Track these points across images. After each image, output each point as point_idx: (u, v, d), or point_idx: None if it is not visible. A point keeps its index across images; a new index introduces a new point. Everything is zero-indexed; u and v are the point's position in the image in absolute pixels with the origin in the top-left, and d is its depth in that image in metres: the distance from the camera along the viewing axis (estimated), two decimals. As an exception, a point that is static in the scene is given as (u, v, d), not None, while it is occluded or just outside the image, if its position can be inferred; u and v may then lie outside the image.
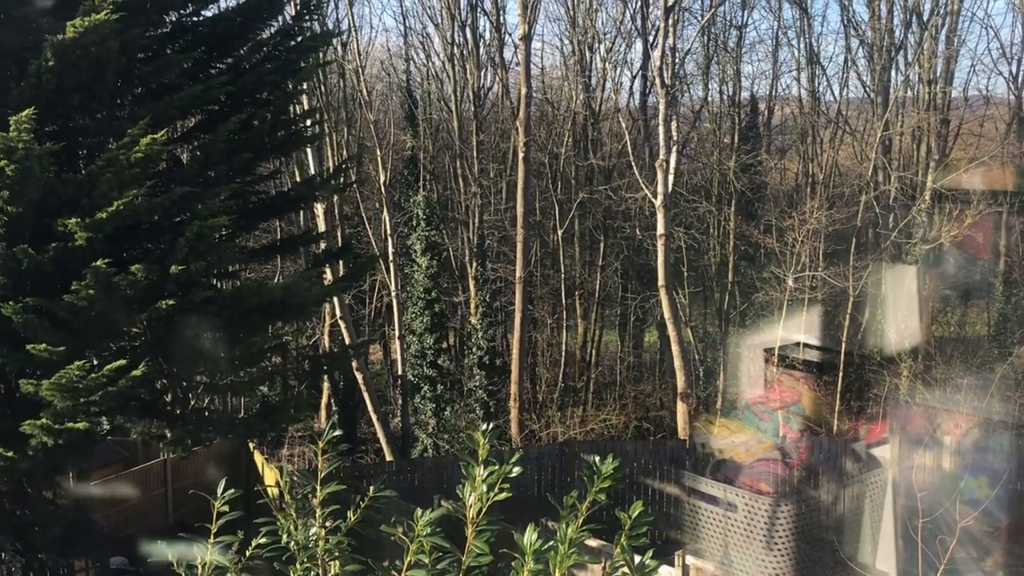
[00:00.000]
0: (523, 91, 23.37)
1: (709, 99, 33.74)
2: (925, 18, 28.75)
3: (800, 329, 25.88)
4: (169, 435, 13.21)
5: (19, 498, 12.92)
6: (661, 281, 22.84)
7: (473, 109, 30.08)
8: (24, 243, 10.81)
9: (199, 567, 3.32)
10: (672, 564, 13.75)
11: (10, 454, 11.00)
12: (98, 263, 10.82)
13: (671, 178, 22.96)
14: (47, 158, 11.00)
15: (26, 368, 11.44)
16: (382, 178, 27.41)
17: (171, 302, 11.35)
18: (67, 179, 11.56)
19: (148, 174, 12.10)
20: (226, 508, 3.39)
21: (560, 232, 30.43)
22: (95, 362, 11.61)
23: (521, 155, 23.60)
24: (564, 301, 31.27)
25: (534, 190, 29.91)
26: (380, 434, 25.08)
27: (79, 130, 13.00)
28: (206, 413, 15.96)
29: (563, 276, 30.94)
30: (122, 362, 11.10)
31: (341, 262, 21.56)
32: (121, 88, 13.23)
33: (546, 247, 32.82)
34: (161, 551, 3.41)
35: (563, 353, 30.70)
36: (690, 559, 14.01)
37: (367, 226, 29.93)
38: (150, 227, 12.80)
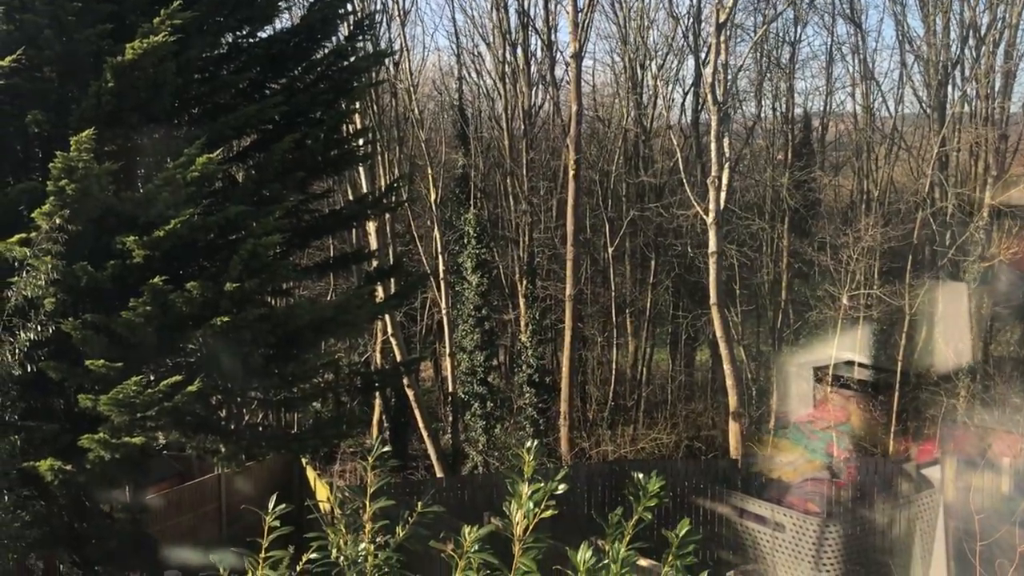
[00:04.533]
0: (574, 109, 23.39)
1: (762, 115, 33.55)
2: (982, 32, 28.27)
3: (853, 348, 25.48)
4: (223, 450, 13.35)
5: (76, 511, 13.12)
6: (713, 299, 22.65)
7: (524, 127, 30.16)
8: (83, 260, 11.03)
9: (251, 582, 3.35)
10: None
11: (68, 467, 11.18)
12: (155, 280, 11.00)
13: (723, 195, 22.80)
14: (106, 177, 11.22)
15: (84, 383, 11.63)
16: (433, 196, 27.56)
17: (226, 319, 11.49)
18: (125, 197, 11.78)
19: (204, 193, 12.29)
20: (277, 523, 3.41)
21: (611, 250, 30.34)
22: (151, 378, 11.78)
23: (572, 173, 23.60)
24: (614, 319, 31.13)
25: (585, 208, 29.90)
26: (431, 450, 25.14)
27: (137, 149, 13.26)
28: (259, 428, 16.13)
29: (613, 294, 30.82)
30: (178, 378, 11.25)
31: (392, 280, 21.69)
32: (178, 108, 13.47)
33: (596, 265, 32.73)
34: (214, 565, 3.45)
35: (613, 371, 30.55)
36: (741, 580, 13.81)
37: (418, 244, 30.10)
38: (206, 245, 12.99)
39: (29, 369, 9.92)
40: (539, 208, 31.27)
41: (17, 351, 9.53)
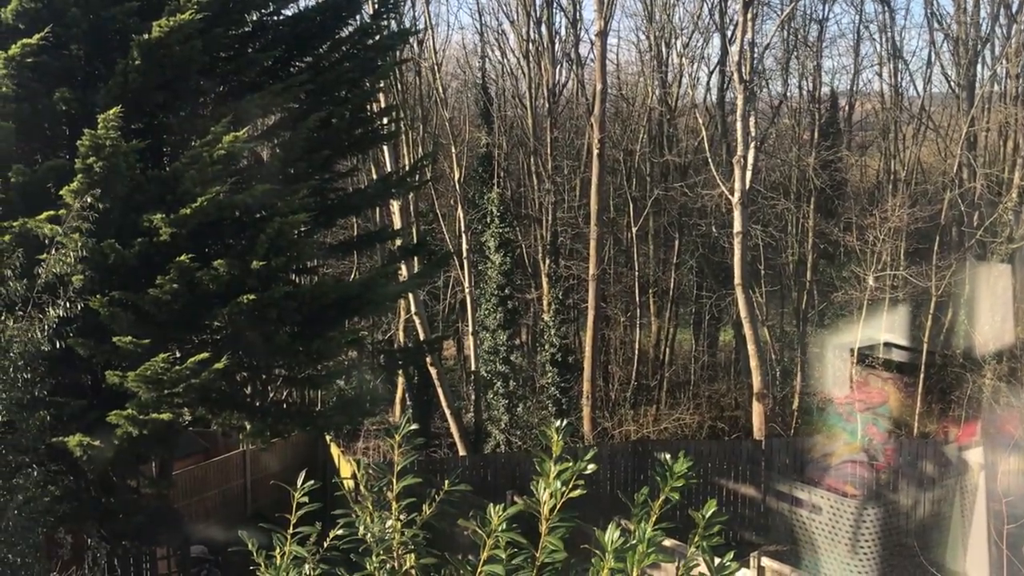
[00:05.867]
0: (598, 87, 23.25)
1: (788, 94, 33.19)
2: (1014, 10, 27.84)
3: (883, 329, 25.30)
4: (248, 427, 13.47)
5: (104, 487, 13.29)
6: (737, 279, 22.54)
7: (548, 106, 30.02)
8: (111, 238, 11.12)
9: (278, 557, 3.37)
10: (748, 566, 13.56)
11: (96, 443, 11.32)
12: (182, 258, 11.08)
13: (749, 175, 22.63)
14: (133, 155, 11.30)
15: (112, 360, 11.76)
16: (457, 175, 27.54)
17: (252, 297, 11.57)
18: (152, 176, 11.86)
19: (230, 171, 12.35)
20: (305, 499, 3.43)
21: (634, 229, 30.22)
22: (178, 355, 11.89)
23: (596, 152, 23.49)
24: (638, 299, 31.05)
25: (608, 187, 29.75)
26: (453, 429, 25.23)
27: (163, 128, 13.33)
28: (284, 406, 16.25)
29: (637, 274, 30.72)
30: (205, 355, 11.35)
31: (416, 259, 21.73)
32: (204, 86, 13.51)
33: (620, 244, 32.62)
34: (241, 540, 3.47)
35: (636, 351, 30.49)
36: (766, 561, 13.79)
37: (442, 223, 30.10)
38: (232, 223, 13.06)
39: (58, 345, 10.03)
40: (562, 187, 31.16)
41: (46, 327, 9.62)
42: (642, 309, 31.36)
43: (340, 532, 3.38)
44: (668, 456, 3.14)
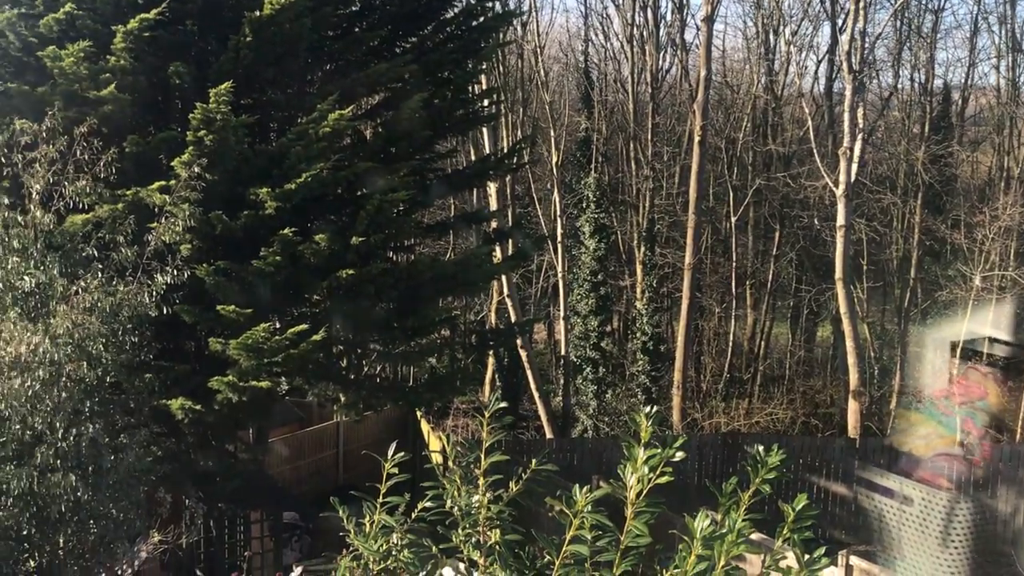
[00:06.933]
0: (702, 73, 22.92)
1: (899, 86, 32.16)
2: None
3: (986, 323, 24.42)
4: (343, 399, 13.77)
5: (203, 450, 13.71)
6: (839, 274, 22.01)
7: (650, 91, 29.72)
8: (218, 209, 11.46)
9: (367, 525, 3.45)
10: (836, 564, 13.31)
11: (198, 407, 11.71)
12: (285, 231, 11.35)
13: (855, 167, 22.04)
14: (242, 129, 11.60)
15: (215, 328, 12.12)
16: (554, 159, 27.52)
17: (351, 272, 11.79)
18: (259, 150, 12.17)
19: (334, 148, 12.59)
20: (395, 470, 3.49)
21: (734, 219, 29.76)
22: (278, 325, 12.20)
23: (697, 139, 23.18)
24: (734, 290, 30.60)
25: (708, 175, 29.36)
26: (541, 412, 25.32)
27: (271, 104, 13.65)
28: (378, 380, 16.54)
29: (734, 264, 30.27)
30: (304, 327, 11.63)
31: (510, 241, 21.82)
32: (311, 64, 13.79)
33: (718, 234, 32.18)
34: (331, 507, 3.57)
35: (730, 343, 30.10)
36: (854, 560, 13.50)
37: (537, 207, 30.13)
38: (334, 199, 13.32)
39: (164, 311, 10.36)
40: (661, 174, 30.85)
41: (154, 293, 9.96)
42: (738, 300, 30.89)
43: (428, 504, 3.44)
44: (761, 448, 3.11)
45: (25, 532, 8.85)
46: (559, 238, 27.08)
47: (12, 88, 11.54)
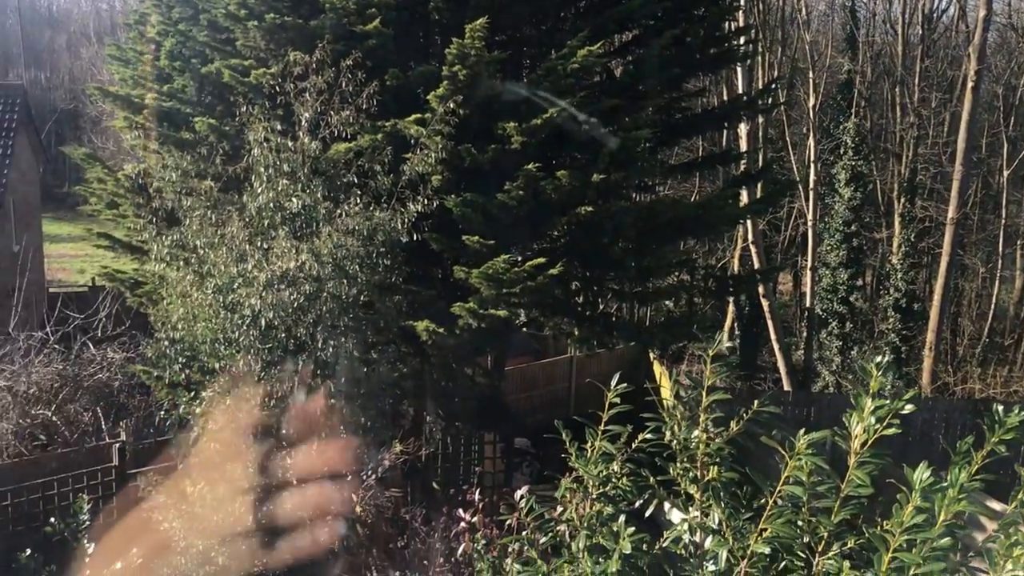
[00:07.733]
0: (981, 14, 21.09)
1: None
2: None
3: None
4: (577, 333, 14.01)
5: (445, 371, 14.38)
6: None
7: (921, 32, 27.77)
8: (468, 142, 11.84)
9: (589, 450, 3.57)
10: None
11: (441, 331, 12.28)
12: (529, 166, 11.59)
13: None
14: (494, 65, 11.88)
15: (460, 256, 12.61)
16: (811, 101, 26.35)
17: (590, 208, 11.90)
18: (510, 86, 12.41)
19: (582, 85, 12.65)
20: (617, 400, 3.57)
21: (1007, 173, 27.45)
22: (518, 258, 12.53)
23: (971, 85, 21.44)
24: (1001, 249, 28.36)
25: (982, 124, 27.18)
26: (780, 364, 24.70)
27: (524, 40, 13.86)
28: (613, 318, 16.67)
29: (1004, 222, 28.00)
30: (541, 260, 11.88)
31: (759, 185, 21.20)
32: (566, 1, 13.85)
33: (988, 188, 29.85)
34: (559, 435, 3.71)
35: (993, 306, 28.02)
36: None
37: (790, 151, 29.03)
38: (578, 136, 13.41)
39: (414, 238, 10.88)
40: (928, 121, 28.86)
41: (406, 220, 10.48)
42: (1005, 261, 28.65)
43: (648, 436, 3.51)
44: (1002, 407, 2.96)
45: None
46: (812, 185, 26.03)
47: (288, 21, 12.34)
